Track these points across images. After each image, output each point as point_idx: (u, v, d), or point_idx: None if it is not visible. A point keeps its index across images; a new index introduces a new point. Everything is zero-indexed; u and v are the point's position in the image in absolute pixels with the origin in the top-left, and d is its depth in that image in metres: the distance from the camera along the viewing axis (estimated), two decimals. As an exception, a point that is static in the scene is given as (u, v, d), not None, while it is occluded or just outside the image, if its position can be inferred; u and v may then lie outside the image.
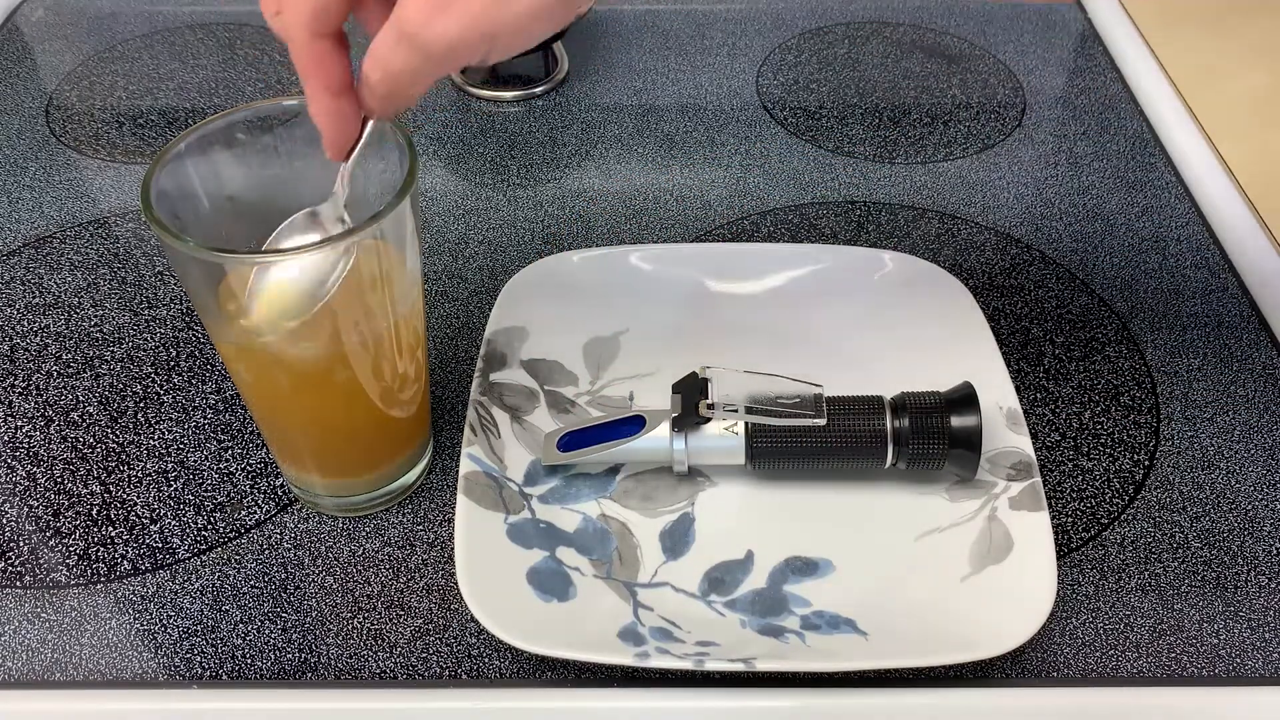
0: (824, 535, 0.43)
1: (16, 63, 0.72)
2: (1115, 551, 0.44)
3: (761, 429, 0.43)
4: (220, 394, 0.50)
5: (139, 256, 0.58)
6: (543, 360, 0.49)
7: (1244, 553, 0.44)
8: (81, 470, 0.47)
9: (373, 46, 0.35)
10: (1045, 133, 0.66)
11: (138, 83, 0.70)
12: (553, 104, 0.69)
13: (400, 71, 0.34)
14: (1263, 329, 0.53)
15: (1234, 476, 0.47)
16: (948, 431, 0.42)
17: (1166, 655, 0.40)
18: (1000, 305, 0.54)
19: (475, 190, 0.62)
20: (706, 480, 0.46)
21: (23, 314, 0.54)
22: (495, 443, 0.45)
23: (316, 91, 0.36)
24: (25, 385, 0.51)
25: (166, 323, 0.54)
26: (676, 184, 0.62)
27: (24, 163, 0.64)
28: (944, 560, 0.42)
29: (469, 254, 0.57)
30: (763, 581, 0.42)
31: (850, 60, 0.73)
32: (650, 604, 0.41)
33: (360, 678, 0.40)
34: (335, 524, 0.45)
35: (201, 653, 0.41)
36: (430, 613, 0.42)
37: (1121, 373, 0.51)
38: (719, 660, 0.37)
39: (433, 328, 0.53)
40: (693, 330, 0.51)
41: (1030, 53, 0.73)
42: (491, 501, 0.43)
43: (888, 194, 0.61)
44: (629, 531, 0.44)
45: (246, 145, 0.39)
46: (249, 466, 0.47)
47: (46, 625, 0.41)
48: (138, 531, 0.45)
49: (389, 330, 0.39)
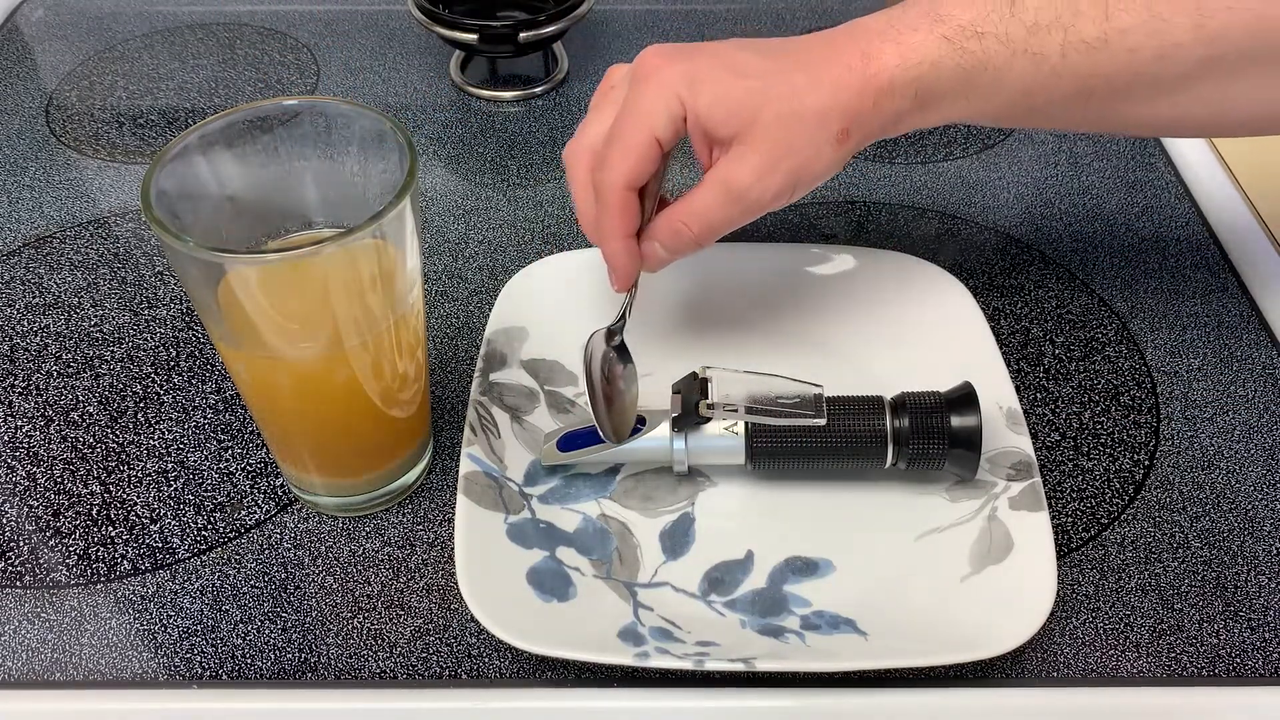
0: (824, 535, 0.43)
1: (16, 63, 0.72)
2: (1115, 551, 0.44)
3: (761, 429, 0.43)
4: (220, 394, 0.50)
5: (139, 256, 0.58)
6: (543, 360, 0.49)
7: (1244, 553, 0.44)
8: (81, 470, 0.47)
9: (690, 204, 0.42)
10: (1045, 133, 0.66)
11: (138, 83, 0.70)
12: (553, 104, 0.69)
13: (720, 222, 0.42)
14: (1263, 329, 0.53)
15: (1234, 476, 0.47)
16: (948, 431, 0.42)
17: (1166, 655, 0.40)
18: (1000, 305, 0.54)
19: (475, 190, 0.62)
20: (706, 480, 0.46)
21: (23, 314, 0.54)
22: (495, 443, 0.45)
23: (616, 235, 0.43)
24: (25, 385, 0.51)
25: (166, 323, 0.54)
26: (677, 184, 0.62)
27: (24, 163, 0.64)
28: (944, 560, 0.42)
29: (469, 254, 0.57)
30: (763, 581, 0.42)
31: (850, 60, 0.72)
32: (650, 604, 0.41)
33: (360, 678, 0.40)
34: (335, 524, 0.45)
35: (201, 653, 0.41)
36: (430, 613, 0.42)
37: (1121, 373, 0.51)
38: (719, 660, 0.37)
39: (433, 328, 0.53)
40: (693, 330, 0.51)
41: (1030, 53, 0.73)
42: (491, 501, 0.43)
43: (888, 194, 0.61)
44: (629, 531, 0.44)
45: (246, 145, 0.39)
46: (249, 466, 0.47)
47: (46, 625, 0.41)
48: (138, 531, 0.45)
49: (389, 330, 0.39)
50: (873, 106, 0.41)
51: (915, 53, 0.41)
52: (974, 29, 0.41)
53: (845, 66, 0.41)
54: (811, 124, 0.41)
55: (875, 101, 0.41)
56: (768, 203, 0.42)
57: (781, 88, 0.41)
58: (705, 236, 0.43)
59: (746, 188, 0.41)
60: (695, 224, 0.42)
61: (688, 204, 0.43)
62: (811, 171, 0.42)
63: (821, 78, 0.41)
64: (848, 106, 0.41)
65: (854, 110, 0.41)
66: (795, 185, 0.42)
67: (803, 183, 0.42)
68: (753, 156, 0.41)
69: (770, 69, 0.42)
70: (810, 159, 0.41)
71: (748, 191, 0.41)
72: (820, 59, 0.42)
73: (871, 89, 0.41)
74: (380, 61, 0.72)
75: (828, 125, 0.41)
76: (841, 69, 0.41)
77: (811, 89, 0.41)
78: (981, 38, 0.40)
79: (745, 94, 0.41)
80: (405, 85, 0.70)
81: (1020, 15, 0.40)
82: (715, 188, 0.42)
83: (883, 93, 0.41)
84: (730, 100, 0.41)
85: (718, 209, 0.42)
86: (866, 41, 0.41)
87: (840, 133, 0.41)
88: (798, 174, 0.42)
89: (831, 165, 0.42)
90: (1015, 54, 0.40)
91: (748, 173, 0.41)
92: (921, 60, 0.41)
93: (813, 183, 0.43)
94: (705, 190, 0.42)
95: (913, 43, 0.41)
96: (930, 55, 0.41)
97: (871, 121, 0.42)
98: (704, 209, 0.42)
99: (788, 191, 0.42)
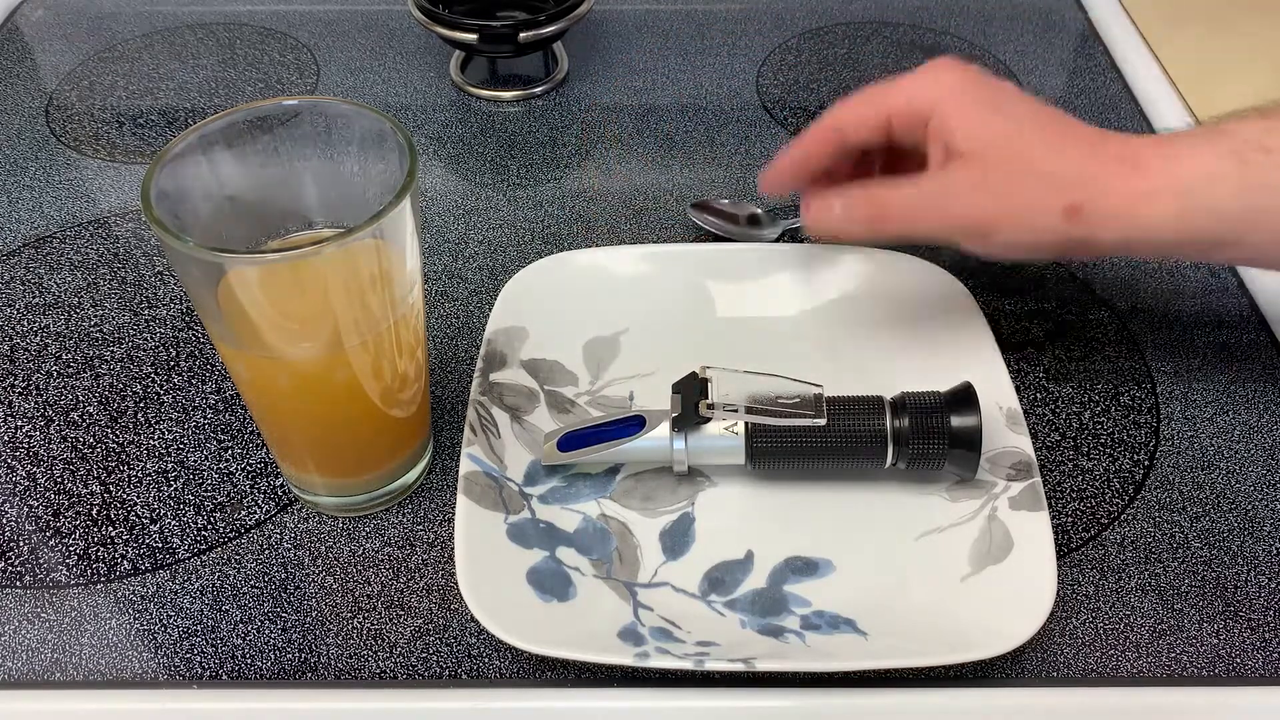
0: (824, 535, 0.43)
1: (16, 63, 0.72)
2: (1115, 551, 0.44)
3: (761, 429, 0.43)
4: (220, 394, 0.50)
5: (139, 256, 0.58)
6: (543, 360, 0.49)
7: (1244, 553, 0.44)
8: (81, 470, 0.47)
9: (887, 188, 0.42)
10: (1045, 133, 0.66)
11: (138, 83, 0.70)
12: (553, 104, 0.69)
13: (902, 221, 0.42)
14: (1263, 329, 0.53)
15: (1234, 476, 0.47)
16: (948, 431, 0.42)
17: (1166, 655, 0.40)
18: (1000, 305, 0.54)
19: (475, 190, 0.62)
20: (706, 480, 0.46)
21: (23, 314, 0.54)
22: (495, 443, 0.45)
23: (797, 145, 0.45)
24: (25, 385, 0.51)
25: (166, 323, 0.54)
26: (676, 184, 0.62)
27: (24, 163, 0.64)
28: (944, 560, 0.42)
29: (469, 254, 0.57)
30: (763, 581, 0.42)
31: (850, 60, 0.73)
32: (650, 604, 0.41)
33: (360, 678, 0.40)
34: (335, 524, 0.45)
35: (201, 653, 0.41)
36: (430, 613, 0.42)
37: (1121, 373, 0.51)
38: (719, 660, 0.37)
39: (433, 328, 0.53)
40: (693, 330, 0.51)
41: (1030, 53, 0.73)
42: (491, 501, 0.43)
43: (888, 194, 0.61)
44: (629, 531, 0.44)
45: (246, 145, 0.39)
46: (249, 466, 0.47)
47: (46, 625, 0.41)
48: (138, 531, 0.45)
49: (389, 330, 0.39)
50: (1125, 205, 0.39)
51: (1191, 162, 0.38)
52: (1260, 143, 0.37)
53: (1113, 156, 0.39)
54: (1051, 176, 0.40)
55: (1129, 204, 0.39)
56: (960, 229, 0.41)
57: (1035, 129, 0.40)
58: (879, 224, 0.42)
59: (959, 194, 0.40)
60: (896, 206, 0.42)
61: (885, 187, 0.42)
62: (1022, 224, 0.40)
63: (1081, 145, 0.40)
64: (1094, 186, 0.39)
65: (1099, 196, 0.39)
66: (995, 229, 0.40)
67: (1003, 230, 0.40)
68: (980, 169, 0.40)
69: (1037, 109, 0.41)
70: (1031, 198, 0.40)
71: (961, 199, 0.41)
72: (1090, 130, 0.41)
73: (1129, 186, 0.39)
74: (380, 61, 0.72)
75: (1066, 188, 0.39)
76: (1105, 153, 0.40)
77: (1066, 146, 0.40)
78: (1270, 152, 0.37)
79: (992, 126, 0.40)
80: (405, 85, 0.70)
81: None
82: (918, 186, 0.41)
83: (1140, 196, 0.39)
84: (977, 121, 0.41)
85: (922, 202, 0.41)
86: (1141, 146, 0.40)
87: (1071, 207, 0.39)
88: (1013, 205, 0.40)
89: (1045, 233, 0.40)
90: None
91: (968, 177, 0.40)
92: (1197, 169, 0.38)
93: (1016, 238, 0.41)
94: (922, 180, 0.41)
95: (1191, 155, 0.38)
96: (1208, 165, 0.38)
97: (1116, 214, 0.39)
98: (898, 199, 0.41)
99: (983, 231, 0.41)
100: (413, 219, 0.38)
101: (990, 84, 0.43)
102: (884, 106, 0.44)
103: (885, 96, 0.44)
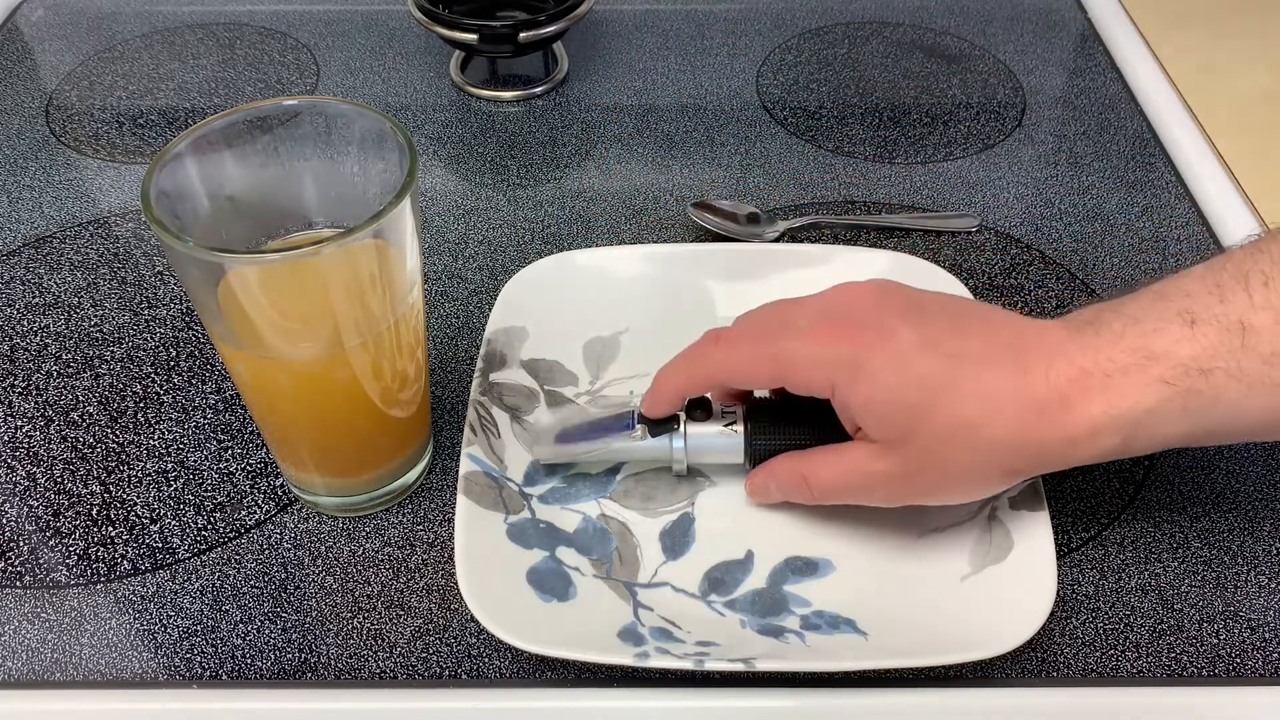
0: (824, 535, 0.43)
1: (16, 63, 0.72)
2: (1115, 551, 0.44)
3: (761, 429, 0.43)
4: (220, 394, 0.50)
5: (139, 256, 0.58)
6: (543, 360, 0.49)
7: (1244, 553, 0.44)
8: (81, 470, 0.47)
9: (823, 465, 0.41)
10: (1045, 133, 0.66)
11: (138, 83, 0.70)
12: (553, 104, 0.69)
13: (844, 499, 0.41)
14: (1263, 329, 0.53)
15: (1234, 476, 0.47)
16: (948, 431, 0.42)
17: (1166, 655, 0.40)
18: (1000, 305, 0.54)
19: (475, 190, 0.62)
20: (706, 480, 0.46)
21: (23, 314, 0.54)
22: (495, 443, 0.45)
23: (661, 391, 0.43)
24: (25, 385, 0.51)
25: (166, 323, 0.54)
26: (676, 184, 0.62)
27: (24, 163, 0.64)
28: (944, 560, 0.42)
29: (469, 254, 0.57)
30: (763, 581, 0.42)
31: (850, 60, 0.73)
32: (650, 604, 0.41)
33: (360, 678, 0.40)
34: (335, 524, 0.45)
35: (201, 653, 0.41)
36: (430, 613, 0.42)
37: (1121, 373, 0.51)
38: (719, 660, 0.37)
39: (433, 328, 0.53)
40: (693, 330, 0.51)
41: (1030, 53, 0.73)
42: (491, 501, 0.43)
43: (888, 194, 0.61)
44: (629, 531, 0.44)
45: (246, 145, 0.39)
46: (249, 466, 0.47)
47: (46, 625, 0.41)
48: (138, 531, 0.45)
49: (389, 330, 0.39)
50: (1061, 454, 0.37)
51: (1126, 399, 0.36)
52: (1197, 366, 0.35)
53: (1036, 407, 0.36)
54: (981, 454, 0.37)
55: (1065, 450, 0.37)
56: (903, 503, 0.41)
57: (950, 404, 0.37)
58: (821, 500, 0.42)
59: (823, 494, 0.41)
60: (818, 490, 0.41)
61: (820, 463, 0.41)
62: (962, 493, 0.40)
63: (1004, 408, 0.37)
64: (1027, 450, 0.37)
65: (1035, 456, 0.37)
66: (939, 498, 0.40)
67: (951, 499, 0.40)
68: (901, 464, 0.38)
69: (942, 372, 0.37)
70: (963, 481, 0.39)
71: (823, 497, 0.41)
72: (1007, 374, 0.37)
73: (1063, 436, 0.36)
74: (380, 61, 0.72)
75: (999, 461, 0.38)
76: (1030, 407, 0.36)
77: (989, 419, 0.37)
78: (1208, 374, 0.35)
79: (906, 409, 0.37)
80: (405, 85, 0.70)
81: (1255, 347, 0.35)
82: (854, 470, 0.40)
83: (1078, 441, 0.36)
84: (889, 408, 0.38)
85: (845, 490, 0.41)
86: (1066, 381, 0.36)
87: (1009, 471, 0.38)
88: (946, 491, 0.40)
89: (987, 492, 0.40)
90: (1252, 388, 0.35)
91: (888, 471, 0.39)
92: (1134, 406, 0.36)
93: (963, 500, 0.40)
94: (843, 463, 0.40)
95: (1122, 388, 0.36)
96: (1145, 401, 0.35)
97: (1055, 463, 0.38)
98: (833, 480, 0.41)
99: (926, 500, 0.40)
100: (413, 219, 0.38)
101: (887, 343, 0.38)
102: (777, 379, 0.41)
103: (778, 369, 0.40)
